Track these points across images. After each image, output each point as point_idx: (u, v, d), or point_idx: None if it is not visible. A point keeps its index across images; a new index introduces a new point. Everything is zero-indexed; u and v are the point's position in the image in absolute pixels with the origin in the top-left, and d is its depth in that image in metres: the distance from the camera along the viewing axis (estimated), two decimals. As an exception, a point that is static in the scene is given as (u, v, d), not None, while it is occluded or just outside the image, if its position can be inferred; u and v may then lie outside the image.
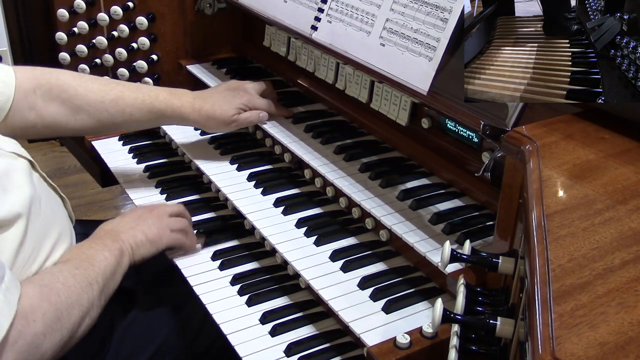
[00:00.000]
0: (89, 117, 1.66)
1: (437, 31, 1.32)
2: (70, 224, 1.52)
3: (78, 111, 1.64)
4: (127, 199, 3.52)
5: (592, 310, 0.70)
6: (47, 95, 1.60)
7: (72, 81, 1.65)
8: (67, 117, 1.64)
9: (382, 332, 1.23)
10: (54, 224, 1.38)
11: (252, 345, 1.31)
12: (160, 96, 1.70)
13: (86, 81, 1.67)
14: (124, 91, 1.68)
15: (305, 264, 1.41)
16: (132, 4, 2.08)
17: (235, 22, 2.20)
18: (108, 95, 1.66)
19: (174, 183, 1.83)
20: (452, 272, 1.23)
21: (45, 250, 1.31)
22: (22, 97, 1.56)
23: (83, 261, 1.32)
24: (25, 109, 1.57)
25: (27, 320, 1.13)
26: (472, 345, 0.98)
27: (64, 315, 1.20)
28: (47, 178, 1.49)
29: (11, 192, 1.26)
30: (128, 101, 1.68)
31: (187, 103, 1.71)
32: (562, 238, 0.81)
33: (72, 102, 1.63)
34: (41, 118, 1.60)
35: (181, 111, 1.71)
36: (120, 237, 1.43)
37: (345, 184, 1.52)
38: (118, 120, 1.68)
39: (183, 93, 1.74)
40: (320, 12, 1.60)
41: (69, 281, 1.25)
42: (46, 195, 1.41)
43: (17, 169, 1.32)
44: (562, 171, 0.96)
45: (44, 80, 1.60)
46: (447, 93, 1.29)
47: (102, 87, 1.67)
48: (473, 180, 1.42)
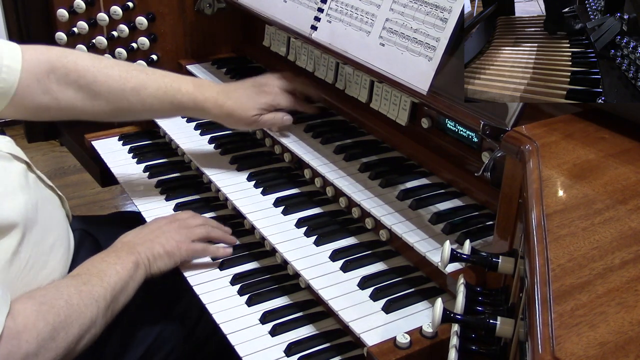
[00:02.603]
0: (107, 104, 1.59)
1: (437, 31, 1.32)
2: (67, 225, 1.51)
3: (96, 97, 1.58)
4: (127, 199, 3.53)
5: (592, 310, 0.70)
6: (62, 80, 1.54)
7: (91, 66, 1.57)
8: (83, 102, 1.57)
9: (382, 332, 1.23)
10: (50, 229, 1.37)
11: (252, 345, 1.31)
12: (183, 88, 1.63)
13: (106, 66, 1.59)
14: (146, 80, 1.61)
15: (305, 264, 1.41)
16: (131, 4, 2.08)
17: (235, 22, 2.20)
18: (129, 83, 1.59)
19: (174, 183, 1.83)
20: (452, 272, 1.23)
21: (42, 257, 1.30)
22: (33, 80, 1.50)
23: (93, 276, 1.29)
24: (37, 93, 1.51)
25: (19, 341, 1.10)
26: (472, 345, 0.97)
27: (60, 335, 1.17)
28: (45, 178, 1.48)
29: (5, 199, 1.24)
30: (150, 91, 1.61)
31: (211, 98, 1.64)
32: (562, 238, 0.81)
33: (90, 88, 1.56)
34: (56, 102, 1.54)
35: (204, 106, 1.64)
36: (137, 249, 1.40)
37: (345, 184, 1.52)
38: (137, 109, 1.63)
39: (208, 86, 1.67)
40: (320, 12, 1.60)
41: (73, 298, 1.22)
42: (43, 198, 1.40)
43: (11, 173, 1.30)
44: (562, 171, 0.96)
45: (60, 64, 1.54)
46: (447, 93, 1.29)
47: (123, 73, 1.60)
48: (473, 180, 1.42)
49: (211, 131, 1.90)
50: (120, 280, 1.32)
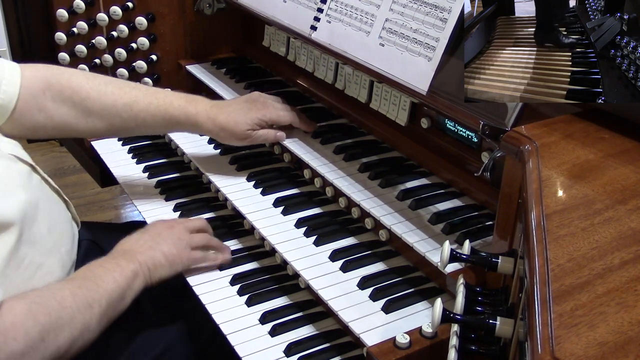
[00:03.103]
0: (100, 121, 1.60)
1: (437, 31, 1.32)
2: (72, 227, 1.51)
3: (89, 114, 1.59)
4: (127, 199, 3.53)
5: (592, 310, 0.70)
6: (57, 97, 1.55)
7: (85, 83, 1.58)
8: (77, 119, 1.58)
9: (382, 332, 1.23)
10: (51, 230, 1.36)
11: (252, 345, 1.31)
12: (175, 102, 1.64)
13: (99, 84, 1.61)
14: (139, 96, 1.62)
15: (305, 264, 1.41)
16: (131, 4, 2.08)
17: (235, 22, 2.20)
18: (121, 99, 1.60)
19: (173, 183, 1.83)
20: (451, 272, 1.23)
21: (40, 258, 1.29)
22: (30, 97, 1.51)
23: (88, 280, 1.28)
24: (33, 110, 1.52)
25: (5, 337, 1.09)
26: (472, 345, 0.97)
27: (50, 337, 1.15)
28: (51, 182, 1.47)
29: (3, 197, 1.23)
30: (142, 106, 1.61)
31: (203, 111, 1.64)
32: (562, 238, 0.81)
33: (84, 105, 1.57)
34: (51, 120, 1.56)
35: (196, 119, 1.63)
36: (137, 257, 1.38)
37: (344, 184, 1.52)
38: (130, 125, 1.63)
39: (200, 100, 1.67)
40: (319, 12, 1.60)
41: (67, 301, 1.20)
42: (46, 199, 1.39)
43: (13, 172, 1.30)
44: (561, 171, 0.96)
45: (55, 80, 1.55)
46: (447, 93, 1.29)
47: (116, 90, 1.61)
48: (472, 180, 1.42)
49: (211, 131, 1.90)
50: (118, 288, 1.31)
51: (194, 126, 1.66)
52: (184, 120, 1.64)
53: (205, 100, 1.68)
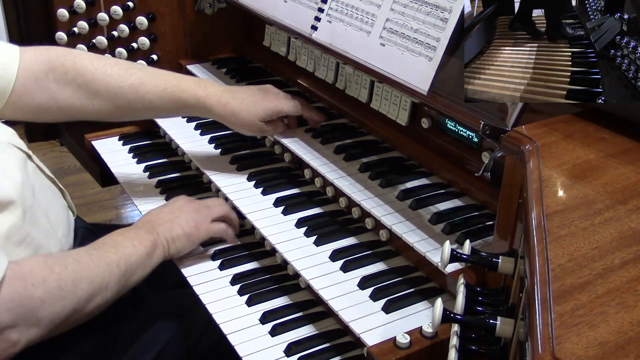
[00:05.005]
0: (106, 102, 1.58)
1: (437, 31, 1.32)
2: (68, 214, 1.50)
3: (94, 96, 1.57)
4: (127, 199, 3.53)
5: (592, 310, 0.70)
6: (61, 79, 1.54)
7: (90, 65, 1.57)
8: (82, 101, 1.57)
9: (382, 332, 1.23)
10: (48, 214, 1.36)
11: (252, 345, 1.31)
12: (183, 85, 1.61)
13: (105, 65, 1.59)
14: (145, 77, 1.60)
15: (305, 264, 1.41)
16: (132, 4, 2.08)
17: (235, 22, 2.20)
18: (127, 80, 1.58)
19: (174, 183, 1.83)
20: (451, 272, 1.23)
21: (40, 236, 1.29)
22: (32, 80, 1.50)
23: (106, 244, 1.30)
24: (35, 92, 1.51)
25: (24, 282, 1.10)
26: (472, 345, 0.97)
27: (68, 287, 1.17)
28: (45, 170, 1.47)
29: (3, 176, 1.23)
30: (148, 88, 1.59)
31: (213, 95, 1.61)
32: (562, 238, 0.81)
33: (89, 86, 1.56)
34: (55, 101, 1.55)
35: (205, 102, 1.60)
36: (156, 230, 1.41)
37: (345, 184, 1.52)
38: (137, 106, 1.61)
39: (210, 84, 1.64)
40: (320, 12, 1.60)
41: (82, 258, 1.22)
42: (41, 185, 1.38)
43: (8, 156, 1.30)
44: (562, 171, 0.96)
45: (59, 63, 1.54)
46: (447, 93, 1.29)
47: (122, 71, 1.59)
48: (473, 180, 1.42)
49: (211, 131, 1.90)
50: (137, 254, 1.33)
51: (204, 109, 1.63)
52: (193, 102, 1.61)
53: (216, 84, 1.66)
